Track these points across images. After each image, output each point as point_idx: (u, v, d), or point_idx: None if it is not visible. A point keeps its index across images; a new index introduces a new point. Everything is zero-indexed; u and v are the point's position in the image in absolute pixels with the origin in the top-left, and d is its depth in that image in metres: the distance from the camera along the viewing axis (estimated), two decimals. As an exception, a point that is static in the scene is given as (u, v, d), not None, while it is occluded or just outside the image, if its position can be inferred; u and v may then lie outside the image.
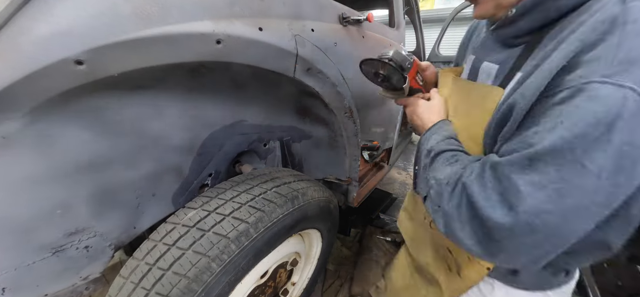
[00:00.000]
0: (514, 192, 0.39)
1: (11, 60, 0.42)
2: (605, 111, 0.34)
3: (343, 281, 1.58)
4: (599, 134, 0.34)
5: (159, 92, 0.67)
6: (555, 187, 0.36)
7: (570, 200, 0.36)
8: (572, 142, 0.35)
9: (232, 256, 0.67)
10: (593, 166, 0.35)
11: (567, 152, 0.36)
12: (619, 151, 0.34)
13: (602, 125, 0.34)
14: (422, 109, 0.69)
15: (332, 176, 1.26)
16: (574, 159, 0.35)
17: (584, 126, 0.35)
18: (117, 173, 0.69)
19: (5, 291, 0.58)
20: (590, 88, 0.35)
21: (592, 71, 0.36)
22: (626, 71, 0.34)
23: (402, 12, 1.66)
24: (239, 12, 0.64)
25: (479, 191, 0.43)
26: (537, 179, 0.38)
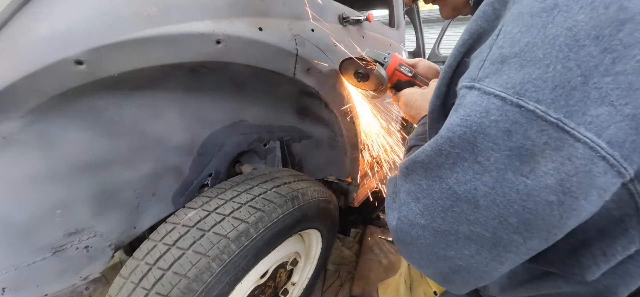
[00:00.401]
0: (398, 196, 0.36)
1: (11, 60, 0.42)
2: (465, 126, 0.27)
3: (343, 281, 1.58)
4: (461, 152, 0.28)
5: (159, 92, 0.67)
6: (427, 202, 0.32)
7: (440, 222, 0.31)
8: (436, 156, 0.30)
9: (232, 255, 0.67)
10: (460, 190, 0.28)
11: (433, 167, 0.31)
12: (493, 177, 0.26)
13: (463, 142, 0.27)
14: (415, 97, 0.64)
15: (332, 176, 1.26)
16: (442, 177, 0.30)
17: (444, 142, 0.29)
18: (117, 173, 0.69)
19: (5, 290, 0.58)
20: (460, 94, 0.29)
21: (468, 73, 0.30)
22: (496, 72, 0.26)
23: (402, 12, 1.66)
24: (239, 12, 0.64)
25: (391, 187, 0.41)
26: (413, 190, 0.34)
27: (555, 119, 0.23)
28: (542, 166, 0.24)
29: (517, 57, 0.25)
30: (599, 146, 0.22)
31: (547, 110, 0.23)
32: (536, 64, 0.24)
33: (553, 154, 0.24)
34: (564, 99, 0.23)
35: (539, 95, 0.23)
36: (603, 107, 0.22)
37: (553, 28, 0.24)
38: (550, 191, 0.24)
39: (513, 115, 0.24)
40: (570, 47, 0.23)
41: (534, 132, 0.24)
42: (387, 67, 0.72)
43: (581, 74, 0.22)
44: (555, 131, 0.23)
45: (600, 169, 0.23)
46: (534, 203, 0.25)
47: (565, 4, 0.23)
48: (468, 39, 0.33)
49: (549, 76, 0.23)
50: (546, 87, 0.23)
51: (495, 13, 0.31)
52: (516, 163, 0.25)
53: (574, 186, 0.24)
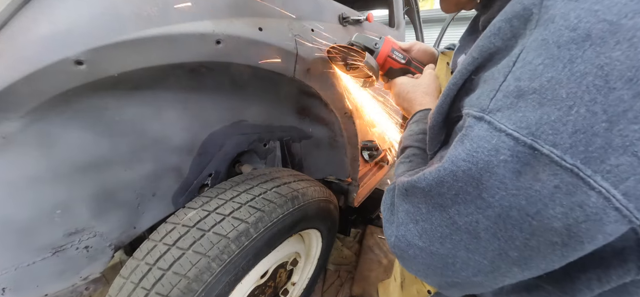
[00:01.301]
0: (396, 214, 0.36)
1: (11, 60, 0.42)
2: (470, 162, 0.25)
3: (343, 281, 1.58)
4: (464, 186, 0.26)
5: (159, 92, 0.67)
6: (426, 226, 0.31)
7: (438, 246, 0.30)
8: (438, 187, 0.29)
9: (232, 256, 0.67)
10: (461, 221, 0.27)
11: (434, 195, 0.30)
12: (496, 212, 0.25)
13: (467, 177, 0.26)
14: (408, 88, 0.60)
15: (332, 176, 1.26)
16: (443, 205, 0.29)
17: (448, 175, 0.27)
18: (117, 173, 0.69)
19: (5, 290, 0.58)
20: (467, 123, 0.27)
21: (477, 98, 0.27)
22: (510, 107, 0.24)
23: (402, 12, 1.66)
24: (239, 12, 0.64)
25: (389, 200, 0.40)
26: (412, 211, 0.33)
27: (570, 165, 0.21)
28: (550, 208, 0.22)
29: (536, 93, 0.22)
30: (614, 197, 0.21)
31: (563, 156, 0.21)
32: (557, 104, 0.21)
33: (563, 198, 0.22)
34: (584, 144, 0.21)
35: (556, 139, 0.21)
36: (625, 157, 0.20)
37: (582, 64, 0.21)
38: (556, 233, 0.23)
39: (525, 158, 0.22)
40: (599, 89, 0.20)
41: (546, 175, 0.22)
42: (378, 54, 0.67)
43: (607, 119, 0.20)
44: (569, 176, 0.21)
45: (611, 218, 0.21)
46: (537, 242, 0.24)
47: (599, 37, 0.20)
48: (478, 57, 0.30)
49: (570, 119, 0.21)
50: (565, 131, 0.21)
51: (513, 32, 0.26)
52: (523, 203, 0.23)
53: (581, 231, 0.22)
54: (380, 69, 0.69)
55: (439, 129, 0.36)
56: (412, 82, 0.61)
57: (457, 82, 0.32)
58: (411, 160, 0.46)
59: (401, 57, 0.68)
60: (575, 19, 0.21)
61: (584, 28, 0.21)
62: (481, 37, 0.30)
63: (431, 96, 0.57)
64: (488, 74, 0.28)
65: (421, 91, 0.58)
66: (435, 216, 0.30)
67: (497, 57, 0.28)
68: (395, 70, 0.68)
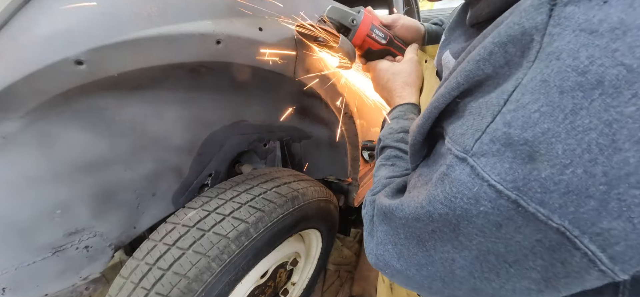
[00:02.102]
0: (375, 231, 0.35)
1: (11, 60, 0.42)
2: (448, 208, 0.24)
3: (343, 281, 1.58)
4: (441, 227, 0.25)
5: (158, 92, 0.67)
6: (403, 251, 0.30)
7: (415, 272, 0.30)
8: (415, 222, 0.28)
9: (232, 255, 0.67)
10: (437, 256, 0.27)
11: (411, 227, 0.29)
12: (473, 254, 0.24)
13: (443, 221, 0.25)
14: (387, 77, 0.55)
15: (332, 176, 1.26)
16: (420, 237, 0.28)
17: (424, 215, 0.26)
18: (117, 173, 0.69)
19: (5, 290, 0.58)
20: (448, 160, 0.25)
21: (461, 134, 0.24)
22: (495, 155, 0.21)
23: (402, 12, 1.66)
24: (239, 12, 0.64)
25: (370, 211, 0.39)
26: (391, 233, 0.32)
27: (557, 225, 0.19)
28: (529, 260, 0.21)
29: (527, 145, 0.19)
30: (600, 260, 0.19)
31: (550, 215, 0.19)
32: (551, 161, 0.19)
33: (544, 252, 0.20)
34: (574, 205, 0.18)
35: (544, 198, 0.19)
36: (618, 222, 0.18)
37: (587, 118, 0.17)
38: (533, 282, 0.22)
39: (507, 212, 0.20)
40: (603, 149, 0.17)
41: (529, 230, 0.20)
42: (354, 33, 0.57)
43: (606, 182, 0.18)
44: (553, 234, 0.20)
45: (593, 276, 0.20)
46: (513, 287, 0.24)
47: (613, 86, 0.17)
48: (463, 83, 0.26)
49: (563, 179, 0.18)
50: (556, 190, 0.19)
51: (507, 59, 0.22)
52: (501, 250, 0.22)
53: (560, 284, 0.21)
54: (358, 50, 0.60)
55: (420, 147, 0.34)
56: (392, 69, 0.56)
57: (439, 106, 0.28)
58: (393, 163, 0.44)
59: (382, 37, 0.59)
60: (587, 60, 0.17)
61: (596, 72, 0.17)
62: (468, 60, 0.26)
63: (412, 87, 0.53)
64: (475, 105, 0.24)
65: (401, 81, 0.54)
66: (412, 244, 0.29)
67: (486, 85, 0.24)
68: (374, 52, 0.60)
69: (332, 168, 1.23)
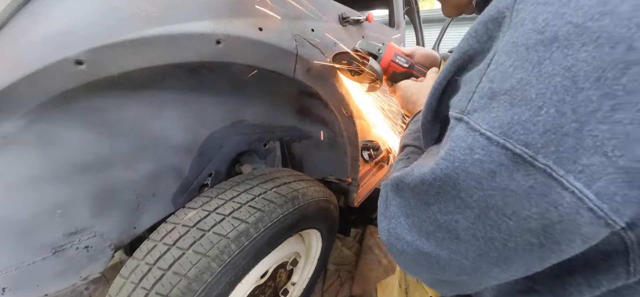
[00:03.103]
0: (389, 208, 0.36)
1: (11, 60, 0.42)
2: (448, 161, 0.26)
3: (343, 281, 1.58)
4: (443, 185, 0.27)
5: (158, 92, 0.67)
6: (414, 220, 0.32)
7: (424, 242, 0.31)
8: (421, 184, 0.30)
9: (232, 256, 0.67)
10: (442, 219, 0.28)
11: (419, 192, 0.30)
12: (475, 213, 0.26)
13: (445, 177, 0.26)
14: (411, 91, 0.61)
15: (332, 176, 1.26)
16: (427, 202, 0.30)
17: (428, 174, 0.28)
18: (117, 173, 0.69)
19: (5, 290, 0.58)
20: (451, 125, 0.28)
21: (459, 100, 0.28)
22: (484, 108, 0.24)
23: (402, 12, 1.66)
24: (239, 12, 0.64)
25: (384, 194, 0.40)
26: (403, 205, 0.34)
27: (543, 165, 0.21)
28: (526, 209, 0.23)
29: (507, 94, 0.23)
30: (587, 197, 0.21)
31: (535, 155, 0.22)
32: (528, 105, 0.22)
33: (538, 198, 0.22)
34: (555, 144, 0.21)
35: (527, 139, 0.22)
36: (596, 157, 0.20)
37: (550, 65, 0.21)
38: (533, 234, 0.23)
39: (498, 157, 0.23)
40: (567, 89, 0.20)
41: (520, 176, 0.22)
42: (381, 59, 0.69)
43: (576, 119, 0.20)
44: (542, 177, 0.22)
45: (586, 219, 0.21)
46: (515, 243, 0.25)
47: (566, 39, 0.21)
48: (458, 58, 0.31)
49: (540, 119, 0.21)
50: (536, 130, 0.21)
51: (488, 34, 0.27)
52: (499, 203, 0.24)
53: (557, 232, 0.23)
54: (384, 74, 0.71)
55: (429, 127, 0.37)
56: (416, 85, 0.62)
57: (441, 82, 0.33)
58: (408, 157, 0.47)
59: (404, 62, 0.70)
60: (543, 22, 0.22)
61: (551, 30, 0.21)
62: (462, 39, 0.31)
63: None
64: (468, 76, 0.29)
65: (424, 94, 0.59)
66: (421, 210, 0.31)
67: (476, 59, 0.29)
68: (398, 74, 0.70)
69: (332, 168, 1.23)
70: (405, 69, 0.70)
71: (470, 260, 0.28)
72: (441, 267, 0.31)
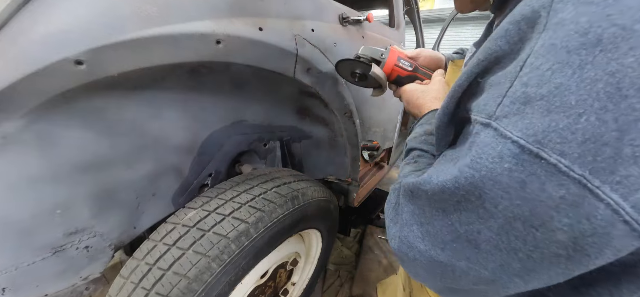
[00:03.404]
0: (400, 215, 0.35)
1: (11, 60, 0.42)
2: (474, 169, 0.25)
3: (343, 281, 1.58)
4: (466, 194, 0.26)
5: (159, 92, 0.67)
6: (429, 229, 0.31)
7: (439, 252, 0.30)
8: (441, 193, 0.28)
9: (232, 256, 0.67)
10: (462, 229, 0.27)
11: (437, 200, 0.29)
12: (499, 224, 0.24)
13: (469, 186, 0.25)
14: (417, 95, 0.61)
15: (332, 176, 1.26)
16: (445, 211, 0.28)
17: (450, 181, 0.27)
18: (117, 173, 0.69)
19: (5, 290, 0.58)
20: (475, 129, 0.27)
21: (484, 104, 0.26)
22: (516, 114, 0.23)
23: (402, 12, 1.66)
24: (239, 12, 0.64)
25: (393, 199, 0.39)
26: (417, 213, 0.32)
27: (578, 176, 0.20)
28: (555, 220, 0.22)
29: (544, 100, 0.21)
30: (624, 210, 0.20)
31: (571, 165, 0.20)
32: (566, 112, 0.20)
33: (569, 210, 0.21)
34: (592, 154, 0.20)
35: (564, 148, 0.20)
36: (634, 168, 0.19)
37: (592, 70, 0.20)
38: (561, 246, 0.22)
39: (531, 167, 0.22)
40: (610, 96, 0.19)
41: (552, 186, 0.21)
42: (384, 64, 0.69)
43: (617, 128, 0.19)
44: (576, 187, 0.20)
45: (621, 231, 0.20)
46: (541, 255, 0.23)
47: (611, 42, 0.19)
48: (483, 60, 0.29)
49: (579, 128, 0.20)
50: (574, 139, 0.20)
51: (520, 35, 0.26)
52: (526, 214, 0.23)
53: (588, 244, 0.21)
54: (388, 78, 0.71)
55: (445, 129, 0.35)
56: (421, 88, 0.62)
57: (462, 84, 0.31)
58: (416, 161, 0.46)
59: (408, 65, 0.70)
60: (586, 23, 0.20)
61: (595, 33, 0.20)
62: (488, 39, 0.29)
63: (440, 101, 0.56)
64: (494, 79, 0.27)
65: (431, 97, 0.58)
66: (437, 219, 0.29)
67: (503, 61, 0.27)
68: (403, 78, 0.70)
69: (332, 168, 1.23)
70: (409, 72, 0.70)
71: (490, 271, 0.27)
72: (456, 277, 0.30)
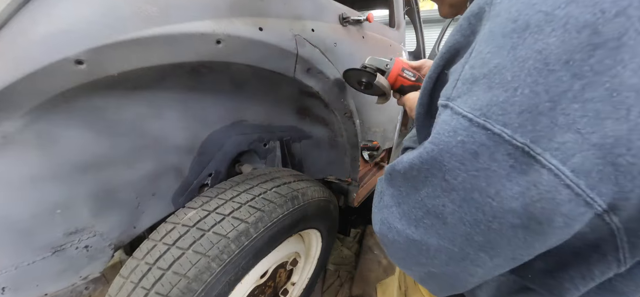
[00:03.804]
0: (382, 199, 0.37)
1: (11, 60, 0.42)
2: (434, 144, 0.27)
3: (343, 281, 1.58)
4: (430, 168, 0.28)
5: (159, 92, 0.67)
6: (405, 208, 0.32)
7: (414, 230, 0.31)
8: (410, 170, 0.30)
9: (232, 255, 0.67)
10: (430, 204, 0.29)
11: (409, 178, 0.31)
12: (461, 196, 0.26)
13: (431, 160, 0.27)
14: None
15: (332, 176, 1.26)
16: (416, 187, 0.30)
17: (416, 158, 0.29)
18: (117, 173, 0.69)
19: (5, 290, 0.58)
20: (438, 113, 0.29)
21: (445, 90, 0.29)
22: (466, 93, 0.26)
23: (402, 12, 1.66)
24: (239, 12, 0.64)
25: (379, 188, 0.41)
26: (396, 194, 0.34)
27: (521, 144, 0.22)
28: (507, 189, 0.24)
29: (486, 78, 0.24)
30: (563, 174, 0.22)
31: (513, 135, 0.23)
32: (504, 87, 0.23)
33: (518, 177, 0.23)
34: (531, 124, 0.22)
35: (505, 119, 0.23)
36: (569, 134, 0.21)
37: (523, 50, 0.23)
38: (515, 215, 0.24)
39: (479, 137, 0.24)
40: (540, 71, 0.22)
41: (501, 155, 0.23)
42: (389, 74, 0.74)
43: (549, 99, 0.22)
44: (521, 156, 0.23)
45: (564, 197, 0.22)
46: (499, 225, 0.25)
47: (536, 25, 0.22)
48: (445, 52, 0.33)
49: (516, 100, 0.23)
50: (513, 111, 0.23)
51: (471, 28, 0.29)
52: (483, 184, 0.25)
53: (537, 211, 0.23)
54: (392, 87, 0.76)
55: (422, 120, 0.38)
56: None
57: (431, 77, 0.35)
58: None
59: (411, 76, 0.74)
60: (516, 12, 0.24)
61: (524, 19, 0.23)
62: (449, 35, 0.33)
63: None
64: (454, 68, 0.30)
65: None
66: (411, 197, 0.31)
67: (461, 52, 0.30)
68: (406, 87, 0.75)
69: (332, 168, 1.23)
70: (412, 82, 0.74)
71: (458, 246, 0.29)
72: (430, 257, 0.31)
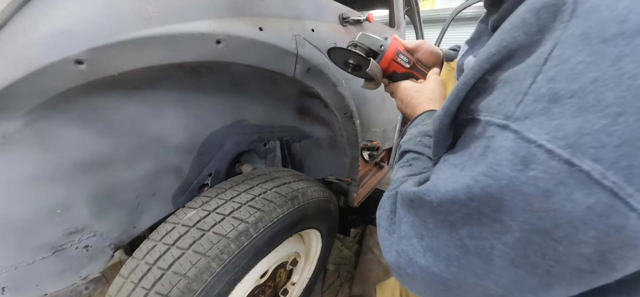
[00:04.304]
0: (398, 226, 0.32)
1: (11, 60, 0.42)
2: (491, 178, 0.21)
3: (343, 281, 1.58)
4: (480, 207, 0.22)
5: (159, 92, 0.67)
6: (431, 243, 0.27)
7: (443, 268, 0.26)
8: (449, 204, 0.25)
9: (232, 255, 0.67)
10: (473, 245, 0.24)
11: (443, 212, 0.26)
12: (516, 237, 0.22)
13: (485, 197, 0.22)
14: (412, 94, 0.57)
15: (332, 176, 1.26)
16: (453, 224, 0.25)
17: (462, 191, 0.23)
18: (117, 173, 0.69)
19: (5, 290, 0.58)
20: (488, 132, 0.23)
21: (499, 103, 0.23)
22: (542, 113, 0.20)
23: (402, 12, 1.66)
24: (239, 12, 0.64)
25: (388, 207, 0.36)
26: (418, 224, 0.29)
27: (611, 183, 0.18)
28: (580, 233, 0.19)
29: (576, 97, 0.18)
30: None
31: (604, 172, 0.18)
32: (602, 111, 0.18)
33: (597, 220, 0.18)
34: (628, 159, 0.17)
35: (598, 153, 0.18)
36: None
37: (632, 63, 0.17)
38: (585, 260, 0.20)
39: (559, 175, 0.19)
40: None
41: (580, 195, 0.18)
42: (382, 57, 0.63)
43: None
44: (606, 196, 0.18)
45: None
46: (561, 270, 0.21)
47: None
48: (495, 53, 0.25)
49: (616, 129, 0.17)
50: (610, 143, 0.17)
51: (540, 25, 0.22)
52: (548, 226, 0.20)
53: (615, 258, 0.19)
54: (384, 71, 0.66)
55: (446, 133, 0.32)
56: (417, 87, 0.58)
57: (468, 82, 0.27)
58: (411, 164, 0.43)
59: (406, 61, 0.64)
60: (625, 10, 0.18)
61: (635, 20, 0.17)
62: (499, 31, 0.26)
63: (436, 102, 0.54)
64: (508, 75, 0.24)
65: (426, 97, 0.55)
66: (443, 234, 0.26)
67: (518, 55, 0.23)
68: (398, 75, 0.65)
69: (332, 168, 1.23)
70: (406, 69, 0.65)
71: (502, 287, 0.24)
72: (460, 293, 0.27)
